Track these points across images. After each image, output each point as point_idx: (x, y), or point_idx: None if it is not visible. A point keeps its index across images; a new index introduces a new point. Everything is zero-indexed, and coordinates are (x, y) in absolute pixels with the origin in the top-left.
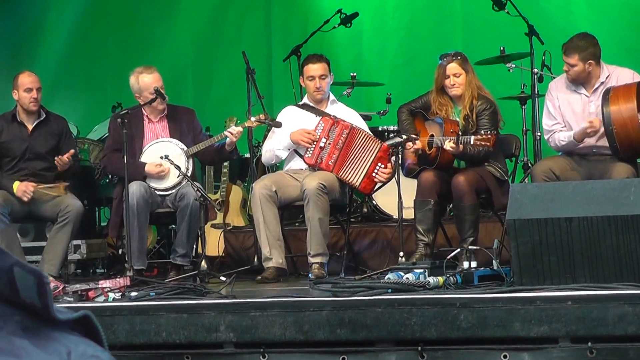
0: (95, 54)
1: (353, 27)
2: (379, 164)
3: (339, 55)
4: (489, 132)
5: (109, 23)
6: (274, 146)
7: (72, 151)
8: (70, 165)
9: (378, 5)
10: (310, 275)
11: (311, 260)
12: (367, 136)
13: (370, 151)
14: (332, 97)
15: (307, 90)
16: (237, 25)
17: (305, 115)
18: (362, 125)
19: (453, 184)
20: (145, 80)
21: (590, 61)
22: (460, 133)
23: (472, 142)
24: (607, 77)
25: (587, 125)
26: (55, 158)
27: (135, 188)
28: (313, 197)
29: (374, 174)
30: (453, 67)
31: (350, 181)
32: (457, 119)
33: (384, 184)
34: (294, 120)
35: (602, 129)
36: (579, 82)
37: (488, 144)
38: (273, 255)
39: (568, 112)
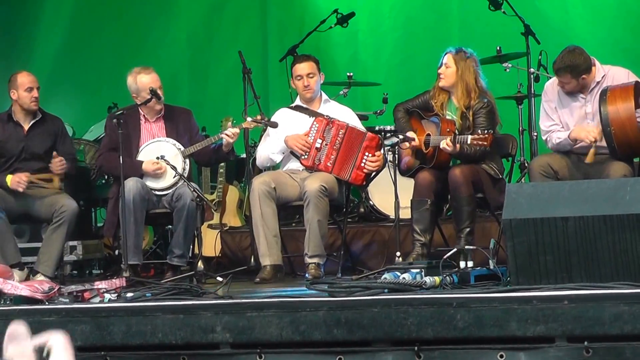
0: (90, 55)
1: (349, 27)
2: (367, 154)
3: (335, 55)
4: (485, 131)
5: (104, 23)
6: (268, 150)
7: (60, 158)
8: (67, 167)
9: (374, 5)
10: (307, 275)
11: (308, 260)
12: (359, 132)
13: (359, 143)
14: (324, 96)
15: (297, 90)
16: (233, 25)
17: (299, 116)
18: (356, 121)
19: (449, 176)
20: (143, 81)
21: (583, 76)
22: (457, 132)
23: (469, 142)
24: (602, 77)
25: (588, 133)
26: (50, 165)
27: (131, 184)
28: (314, 199)
29: (362, 164)
30: (446, 58)
31: (341, 176)
32: (454, 118)
33: (377, 173)
34: (288, 122)
35: (600, 129)
36: (575, 93)
37: (485, 143)
38: (270, 252)
39: (565, 113)
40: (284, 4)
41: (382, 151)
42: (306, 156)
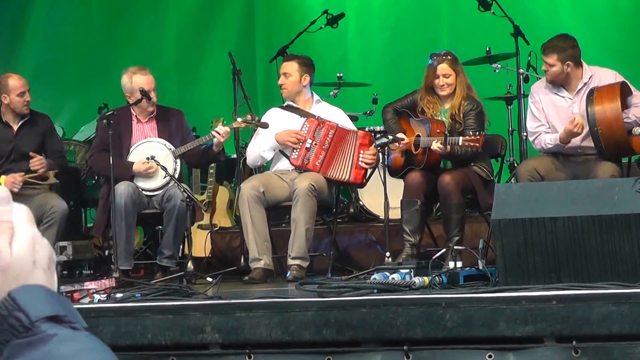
0: (80, 55)
1: (338, 27)
2: (361, 151)
3: (324, 55)
4: (477, 132)
5: (94, 23)
6: (259, 147)
7: (38, 157)
8: (52, 163)
9: (363, 5)
10: (288, 275)
11: (291, 262)
12: (348, 131)
13: (352, 143)
14: (316, 97)
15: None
16: (220, 25)
17: (290, 116)
18: (348, 122)
19: (440, 183)
20: (137, 81)
21: (569, 62)
22: (447, 133)
23: (460, 143)
24: (589, 78)
25: (571, 126)
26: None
27: (122, 188)
28: (302, 198)
29: (359, 162)
30: (443, 68)
31: (339, 178)
32: (444, 119)
33: (374, 168)
34: (279, 122)
35: (587, 129)
36: (558, 82)
37: (477, 144)
38: (261, 257)
39: (552, 114)
40: (271, 4)
41: (375, 145)
42: (296, 155)
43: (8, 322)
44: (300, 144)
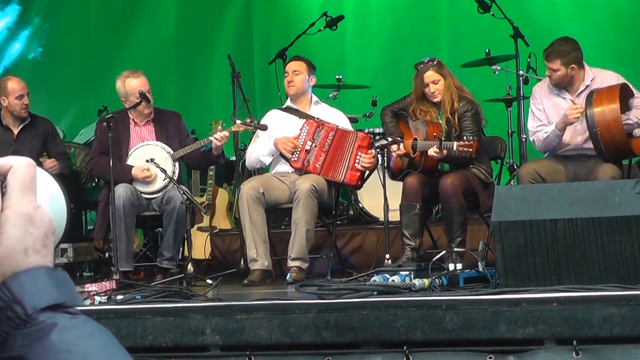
0: (79, 58)
1: (337, 29)
2: (359, 153)
3: (322, 57)
4: (471, 137)
5: (92, 27)
6: (258, 151)
7: (51, 160)
8: (59, 168)
9: (361, 7)
10: (288, 277)
11: (290, 263)
12: (348, 133)
13: (351, 144)
14: (315, 98)
15: (285, 88)
16: (218, 28)
17: (289, 118)
18: (347, 124)
19: (441, 186)
20: (131, 84)
21: (573, 65)
22: (443, 137)
23: (454, 148)
24: (591, 80)
25: (570, 107)
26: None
27: (121, 191)
28: (303, 199)
29: (356, 164)
30: (430, 75)
31: (334, 178)
32: (440, 122)
33: (371, 171)
34: (278, 124)
35: (587, 130)
36: (562, 85)
37: (470, 150)
38: (259, 257)
39: (553, 115)
40: (269, 6)
41: (373, 150)
42: (296, 158)
43: (6, 315)
44: (299, 149)
